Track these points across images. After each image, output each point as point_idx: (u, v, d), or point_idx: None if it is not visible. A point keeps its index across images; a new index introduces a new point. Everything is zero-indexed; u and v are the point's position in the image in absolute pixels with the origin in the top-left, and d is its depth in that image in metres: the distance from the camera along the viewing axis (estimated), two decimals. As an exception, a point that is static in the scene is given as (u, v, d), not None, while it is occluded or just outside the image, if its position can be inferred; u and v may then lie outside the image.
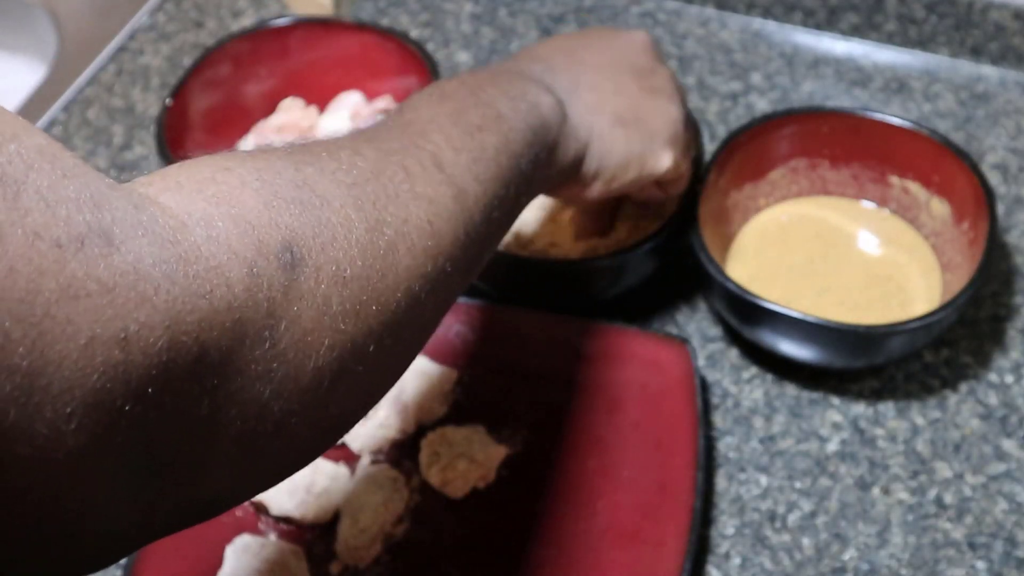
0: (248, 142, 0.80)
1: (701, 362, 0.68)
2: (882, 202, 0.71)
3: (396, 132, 0.46)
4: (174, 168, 0.37)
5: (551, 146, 0.54)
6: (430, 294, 0.43)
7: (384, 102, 0.80)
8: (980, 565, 0.59)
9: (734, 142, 0.69)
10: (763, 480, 0.63)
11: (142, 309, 0.30)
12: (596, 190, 0.59)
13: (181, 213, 0.34)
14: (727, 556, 0.61)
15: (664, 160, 0.60)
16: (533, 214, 0.70)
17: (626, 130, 0.58)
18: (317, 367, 0.37)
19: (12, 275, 0.26)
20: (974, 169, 0.65)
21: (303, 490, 0.62)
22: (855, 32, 0.85)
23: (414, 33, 0.89)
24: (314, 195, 0.39)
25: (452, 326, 0.68)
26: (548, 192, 0.58)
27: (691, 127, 0.62)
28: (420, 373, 0.66)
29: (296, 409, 0.37)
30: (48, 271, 0.27)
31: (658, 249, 0.65)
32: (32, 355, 0.27)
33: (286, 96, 0.82)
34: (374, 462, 0.64)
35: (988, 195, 0.64)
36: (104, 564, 0.33)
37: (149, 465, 0.32)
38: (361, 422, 0.64)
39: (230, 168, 0.37)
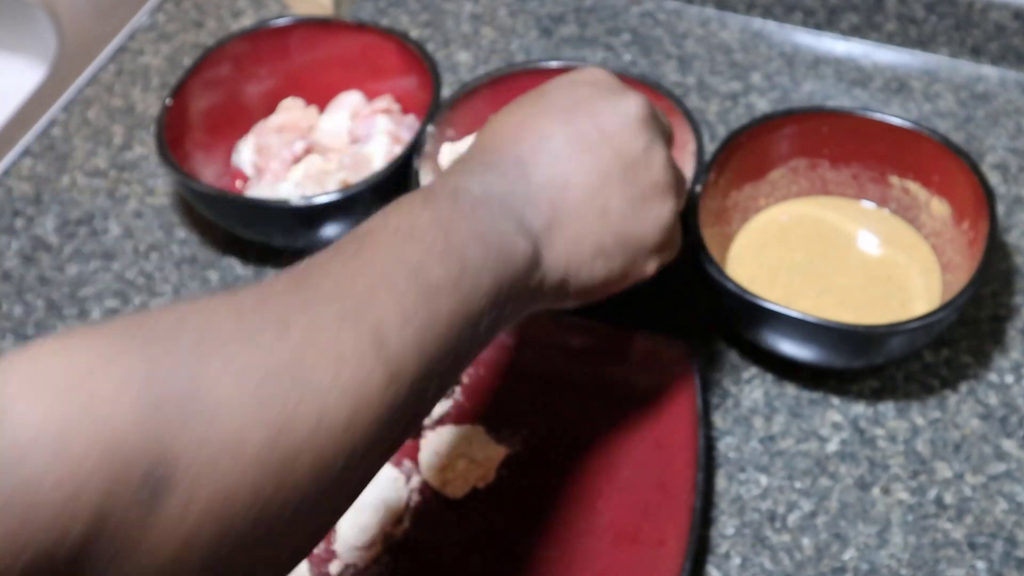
0: (248, 142, 0.80)
1: (701, 362, 0.68)
2: (882, 202, 0.71)
3: (341, 286, 0.41)
4: (49, 349, 0.33)
5: (517, 295, 0.48)
6: (333, 492, 0.39)
7: (384, 102, 0.80)
8: (980, 565, 0.59)
9: (734, 142, 0.69)
10: (763, 480, 0.63)
11: None
12: (567, 307, 0.54)
13: (32, 428, 0.30)
14: (727, 556, 0.61)
15: (649, 268, 0.55)
16: None
17: (607, 259, 0.52)
18: (186, 572, 0.33)
19: None
20: (974, 169, 0.65)
21: (303, 490, 0.62)
22: (855, 32, 0.85)
23: (414, 33, 0.89)
24: (206, 406, 0.34)
25: (452, 326, 0.68)
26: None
27: (678, 170, 0.56)
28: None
29: None
30: None
31: (658, 249, 0.65)
32: None
33: (286, 96, 0.82)
34: (374, 462, 0.64)
35: (988, 195, 0.64)
36: None
37: None
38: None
39: (113, 364, 0.33)
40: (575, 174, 0.51)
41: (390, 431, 0.41)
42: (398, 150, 0.75)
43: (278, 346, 0.37)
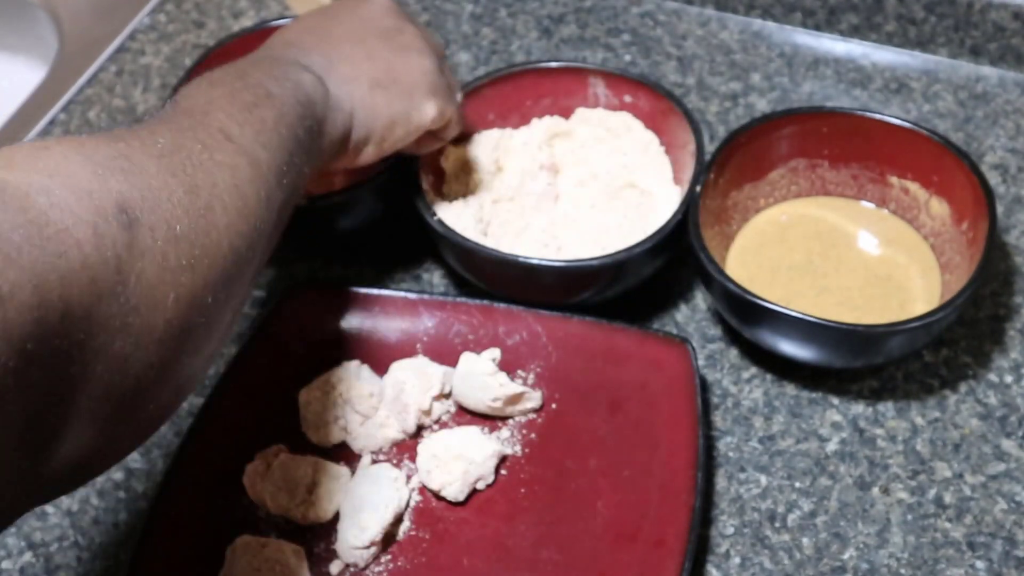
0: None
1: (701, 362, 0.68)
2: (882, 202, 0.71)
3: (181, 114, 0.50)
4: (7, 149, 0.40)
5: (320, 119, 0.57)
6: (248, 250, 0.48)
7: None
8: (980, 565, 0.59)
9: (734, 142, 0.69)
10: (763, 480, 0.63)
11: (10, 270, 0.33)
12: (369, 154, 0.63)
13: (22, 184, 0.37)
14: (727, 556, 0.61)
15: (428, 111, 0.63)
16: None
17: (385, 92, 0.62)
18: (167, 319, 0.41)
19: None
20: (974, 169, 0.65)
21: (303, 490, 0.62)
22: (855, 32, 0.85)
23: (414, 33, 0.89)
24: (132, 164, 0.42)
25: (452, 326, 0.68)
26: (326, 164, 0.61)
27: (449, 75, 0.66)
28: (420, 373, 0.66)
29: (153, 362, 0.41)
30: None
31: (658, 249, 0.66)
32: None
33: (286, 96, 0.82)
34: (374, 462, 0.64)
35: (988, 195, 0.64)
36: None
37: (27, 425, 0.35)
38: (361, 422, 0.65)
39: (48, 147, 0.41)
40: (338, 37, 0.62)
41: (269, 205, 0.50)
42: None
43: (158, 141, 0.46)
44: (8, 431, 0.34)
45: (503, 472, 0.64)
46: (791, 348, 0.63)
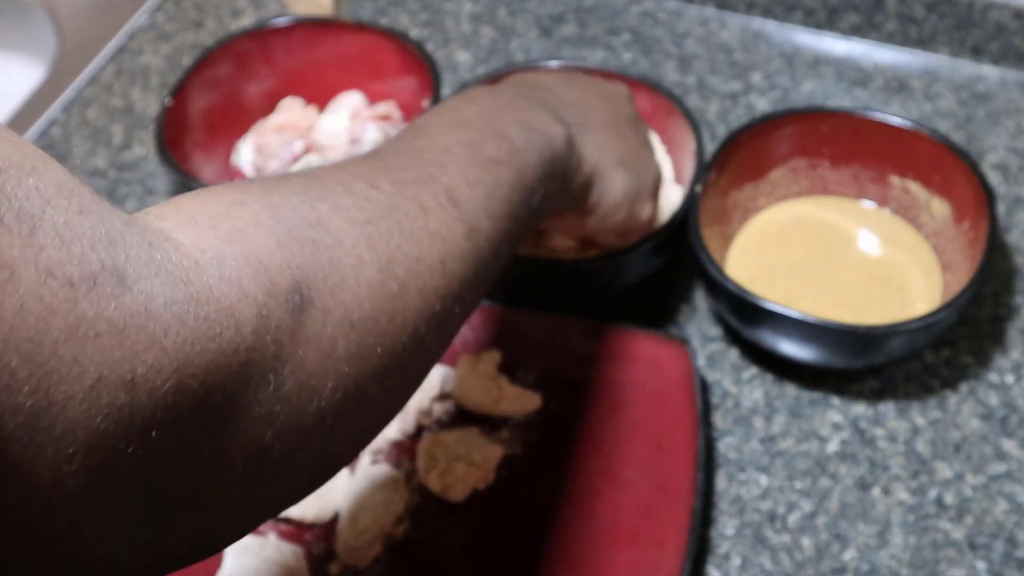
0: (248, 142, 0.80)
1: (701, 362, 0.68)
2: (882, 202, 0.71)
3: (411, 160, 0.46)
4: (188, 199, 0.37)
5: (560, 177, 0.54)
6: (435, 334, 0.43)
7: (385, 108, 0.80)
8: (980, 565, 0.59)
9: (734, 142, 0.69)
10: (763, 480, 0.63)
11: (151, 351, 0.29)
12: (591, 224, 0.61)
13: (194, 251, 0.33)
14: (727, 556, 0.61)
15: (647, 209, 0.62)
16: None
17: (627, 173, 0.60)
18: (319, 408, 0.37)
19: (22, 313, 0.26)
20: (974, 169, 0.65)
21: (303, 490, 0.62)
22: (855, 32, 0.85)
23: (414, 33, 0.89)
24: (327, 234, 0.38)
25: (452, 326, 0.68)
26: (549, 220, 0.59)
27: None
28: (420, 373, 0.66)
29: (297, 450, 0.36)
30: (59, 310, 0.27)
31: (658, 249, 0.65)
32: (37, 395, 0.26)
33: (286, 96, 0.82)
34: (374, 462, 0.64)
35: (988, 195, 0.64)
36: None
37: (150, 506, 0.31)
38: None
39: (244, 203, 0.37)
40: (593, 105, 0.60)
41: (475, 281, 0.45)
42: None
43: (372, 196, 0.41)
44: (126, 511, 0.30)
45: (503, 472, 0.63)
46: (791, 348, 0.63)
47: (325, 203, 0.39)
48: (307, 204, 0.39)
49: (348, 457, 0.42)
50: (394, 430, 0.65)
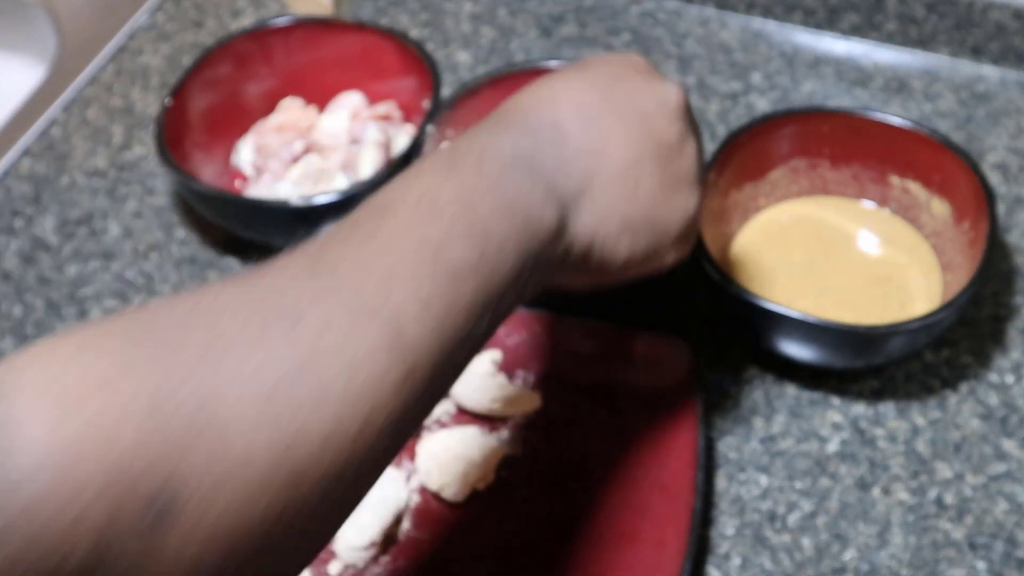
0: (248, 142, 0.80)
1: (701, 362, 0.68)
2: (882, 202, 0.71)
3: (362, 269, 0.39)
4: (65, 354, 0.32)
5: (544, 266, 0.46)
6: (339, 503, 0.38)
7: (385, 108, 0.80)
8: (980, 565, 0.59)
9: (734, 142, 0.69)
10: (763, 480, 0.63)
11: None
12: (592, 283, 0.53)
13: (41, 442, 0.29)
14: (727, 556, 0.61)
15: (669, 259, 0.54)
16: None
17: (632, 237, 0.50)
18: None
19: None
20: (974, 169, 0.65)
21: (303, 490, 0.62)
22: (855, 32, 0.85)
23: (414, 33, 0.89)
24: (214, 419, 0.32)
25: (452, 326, 0.68)
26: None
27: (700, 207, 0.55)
28: (420, 373, 0.66)
29: None
30: None
31: (658, 249, 0.65)
32: None
33: (286, 96, 0.82)
34: (374, 462, 0.64)
35: (988, 195, 0.64)
36: None
37: None
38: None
39: (126, 373, 0.32)
40: (610, 145, 0.50)
41: (401, 431, 0.39)
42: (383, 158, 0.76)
43: (291, 342, 0.35)
44: None
45: (503, 472, 0.63)
46: (791, 348, 0.63)
47: (226, 363, 0.33)
48: (201, 372, 0.33)
49: None
50: (394, 430, 0.65)
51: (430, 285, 0.39)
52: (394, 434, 0.38)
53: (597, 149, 0.49)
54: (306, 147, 0.78)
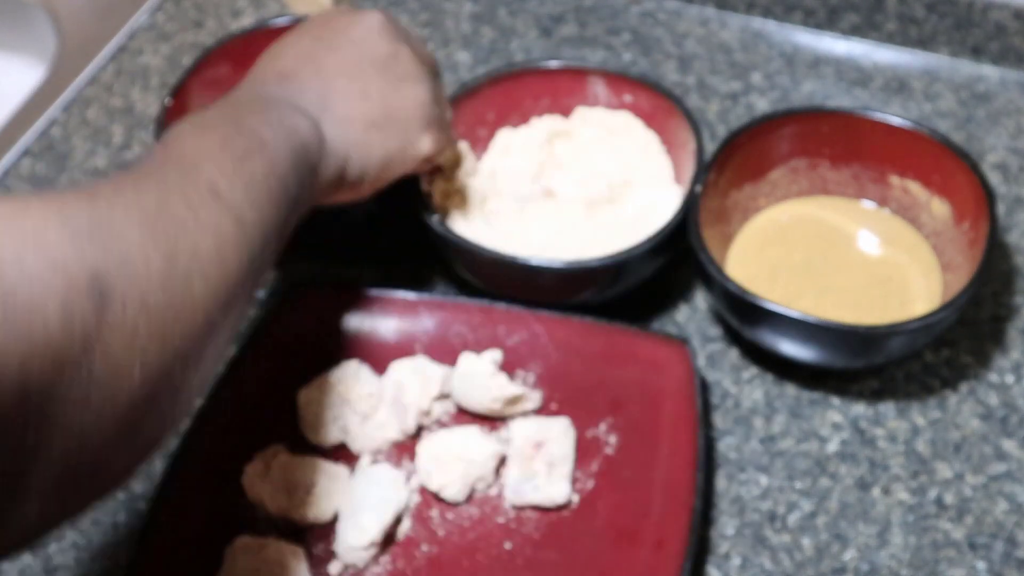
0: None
1: (701, 362, 0.68)
2: (882, 202, 0.71)
3: (169, 165, 0.48)
4: (9, 201, 0.40)
5: (313, 166, 0.56)
6: (223, 317, 0.46)
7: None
8: (980, 565, 0.59)
9: (734, 142, 0.69)
10: (763, 480, 0.63)
11: None
12: (365, 190, 0.62)
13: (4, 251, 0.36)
14: (727, 556, 0.61)
15: (424, 146, 0.62)
16: None
17: (380, 131, 0.60)
18: (130, 391, 0.40)
19: None
20: (974, 169, 0.65)
21: (303, 490, 0.62)
22: (855, 32, 0.85)
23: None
24: (112, 231, 0.41)
25: (452, 326, 0.68)
26: (320, 200, 0.59)
27: (441, 97, 0.65)
28: (420, 373, 0.66)
29: (112, 434, 0.40)
30: None
31: (658, 249, 0.65)
32: None
33: (286, 96, 0.82)
34: (374, 462, 0.64)
35: (988, 195, 0.64)
36: None
37: None
38: (360, 422, 0.65)
39: (28, 208, 0.39)
40: (333, 71, 0.60)
41: (251, 268, 0.48)
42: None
43: (143, 199, 0.44)
44: None
45: (503, 472, 0.63)
46: (791, 348, 0.63)
47: (103, 203, 0.42)
48: (88, 205, 0.41)
49: (160, 440, 0.45)
50: (394, 430, 0.65)
51: (227, 164, 0.49)
52: (247, 272, 0.48)
53: (321, 76, 0.60)
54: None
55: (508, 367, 0.66)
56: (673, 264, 0.70)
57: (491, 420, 0.65)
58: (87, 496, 0.42)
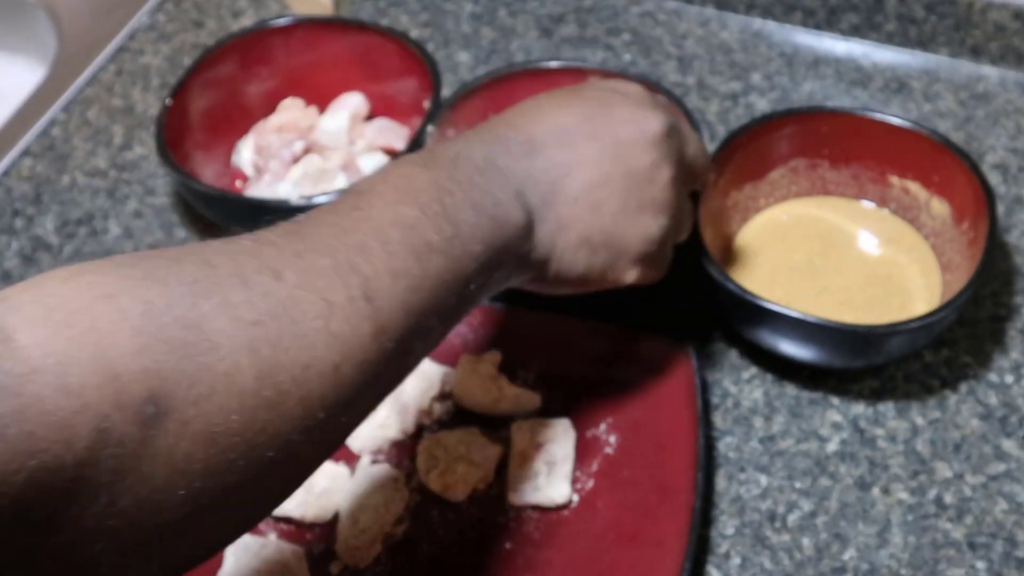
0: (248, 142, 0.80)
1: (701, 362, 0.68)
2: (882, 202, 0.71)
3: (335, 239, 0.42)
4: (55, 282, 0.34)
5: (510, 265, 0.50)
6: (313, 444, 0.40)
7: (381, 121, 0.80)
8: (980, 565, 0.59)
9: (734, 142, 0.69)
10: (763, 480, 0.63)
11: None
12: (551, 291, 0.57)
13: (37, 356, 0.31)
14: (727, 556, 0.61)
15: (628, 277, 0.57)
16: None
17: (592, 252, 0.54)
18: (163, 522, 0.34)
19: None
20: (974, 169, 0.65)
21: (303, 490, 0.62)
22: (855, 32, 0.85)
23: (414, 33, 0.89)
24: (204, 337, 0.35)
25: (452, 326, 0.68)
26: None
27: (671, 238, 0.59)
28: (420, 373, 0.66)
29: (132, 562, 0.35)
30: None
31: (658, 249, 0.65)
32: None
33: (286, 96, 0.82)
34: (374, 462, 0.64)
35: (988, 195, 0.64)
36: None
37: None
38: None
39: (114, 296, 0.34)
40: (579, 165, 0.53)
41: (374, 385, 0.42)
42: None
43: (272, 290, 0.38)
44: None
45: (503, 472, 0.63)
46: (791, 348, 0.63)
47: (211, 300, 0.36)
48: (189, 300, 0.35)
49: (201, 557, 0.39)
50: (394, 430, 0.65)
51: (401, 258, 0.43)
52: (367, 388, 0.41)
53: (567, 166, 0.53)
54: (306, 147, 0.78)
55: (508, 367, 0.66)
56: (673, 264, 0.70)
57: (491, 420, 0.65)
58: None
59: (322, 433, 0.40)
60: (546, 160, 0.53)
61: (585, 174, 0.53)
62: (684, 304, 0.71)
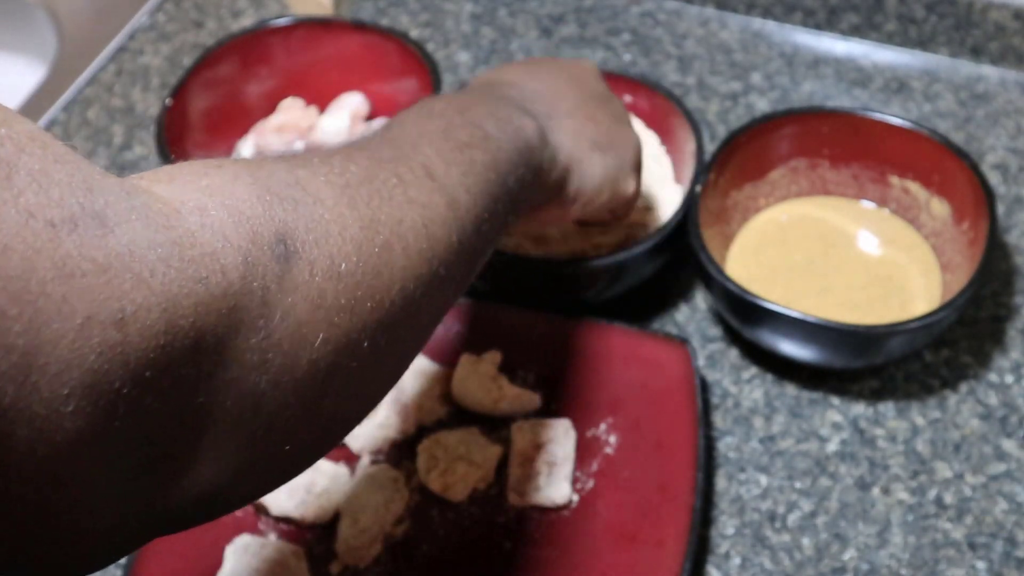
0: (248, 142, 0.80)
1: (701, 362, 0.68)
2: (882, 202, 0.71)
3: (386, 144, 0.46)
4: (166, 167, 0.37)
5: (535, 168, 0.54)
6: (425, 297, 0.43)
7: (380, 123, 0.80)
8: (980, 565, 0.59)
9: (734, 142, 0.69)
10: (763, 480, 0.63)
11: (138, 291, 0.30)
12: (574, 212, 0.60)
13: (174, 201, 0.34)
14: (727, 556, 0.61)
15: (631, 184, 0.61)
16: None
17: (603, 155, 0.59)
18: (312, 360, 0.37)
19: (6, 253, 0.26)
20: (974, 169, 0.65)
21: (303, 490, 0.62)
22: (855, 32, 0.85)
23: (414, 33, 0.89)
24: (307, 193, 0.39)
25: (452, 326, 0.68)
26: (531, 213, 0.58)
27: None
28: (420, 373, 0.66)
29: (291, 403, 0.37)
30: (43, 250, 0.27)
31: (658, 249, 0.65)
32: (29, 333, 0.27)
33: (286, 96, 0.82)
34: (374, 462, 0.64)
35: (988, 195, 0.64)
36: (101, 563, 0.32)
37: (146, 455, 0.32)
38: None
39: (222, 165, 0.38)
40: (562, 91, 0.60)
41: (460, 251, 0.46)
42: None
43: (350, 167, 0.42)
44: (124, 459, 0.31)
45: (503, 472, 0.63)
46: (791, 348, 0.63)
47: (303, 169, 0.40)
48: (284, 168, 0.39)
49: (346, 422, 0.42)
50: (394, 430, 0.65)
51: (447, 151, 0.47)
52: (455, 258, 0.45)
53: (548, 92, 0.59)
54: (306, 147, 0.78)
55: (508, 367, 0.66)
56: (673, 264, 0.70)
57: (491, 420, 0.65)
58: (269, 470, 0.40)
59: (428, 286, 0.43)
60: (529, 90, 0.58)
61: (567, 94, 0.60)
62: (684, 304, 0.71)
